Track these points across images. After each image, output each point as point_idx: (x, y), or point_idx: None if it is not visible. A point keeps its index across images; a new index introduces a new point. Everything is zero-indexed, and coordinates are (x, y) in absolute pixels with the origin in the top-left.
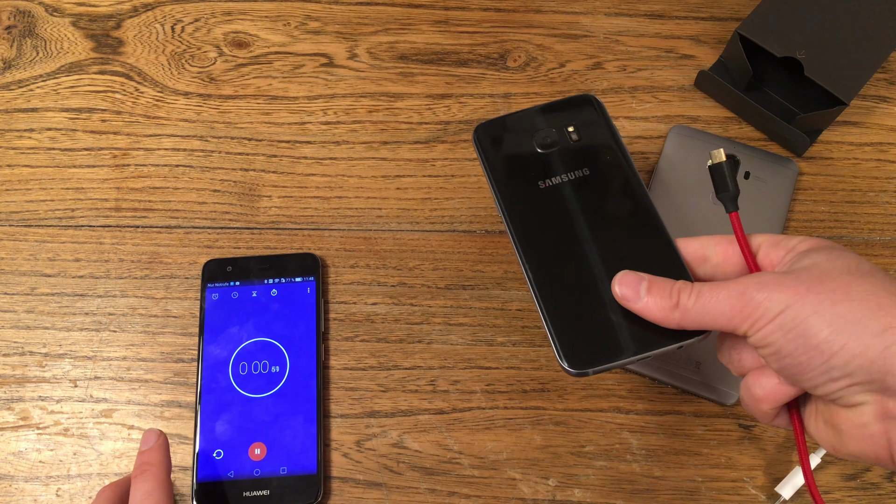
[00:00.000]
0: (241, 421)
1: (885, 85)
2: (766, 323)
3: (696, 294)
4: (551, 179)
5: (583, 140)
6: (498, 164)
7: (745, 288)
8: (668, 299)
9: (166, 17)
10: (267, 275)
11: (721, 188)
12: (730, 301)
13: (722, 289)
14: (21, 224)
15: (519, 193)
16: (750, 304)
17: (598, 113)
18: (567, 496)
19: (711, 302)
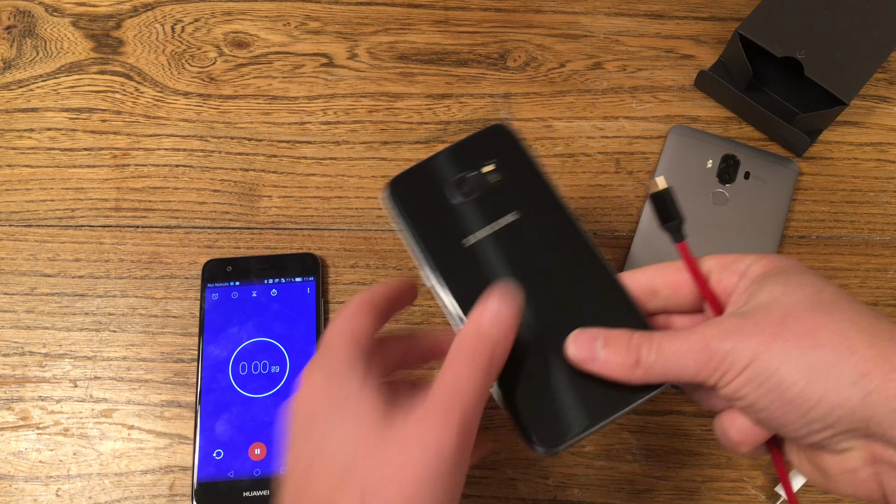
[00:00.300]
0: (241, 421)
1: (885, 85)
2: (734, 376)
3: (656, 349)
4: (475, 234)
5: (503, 179)
6: (415, 224)
7: (707, 340)
8: (626, 356)
9: (166, 17)
10: (267, 275)
11: (666, 217)
12: (693, 355)
13: (683, 341)
14: (21, 224)
15: (443, 255)
16: (715, 358)
17: (513, 143)
18: (567, 496)
19: (674, 357)
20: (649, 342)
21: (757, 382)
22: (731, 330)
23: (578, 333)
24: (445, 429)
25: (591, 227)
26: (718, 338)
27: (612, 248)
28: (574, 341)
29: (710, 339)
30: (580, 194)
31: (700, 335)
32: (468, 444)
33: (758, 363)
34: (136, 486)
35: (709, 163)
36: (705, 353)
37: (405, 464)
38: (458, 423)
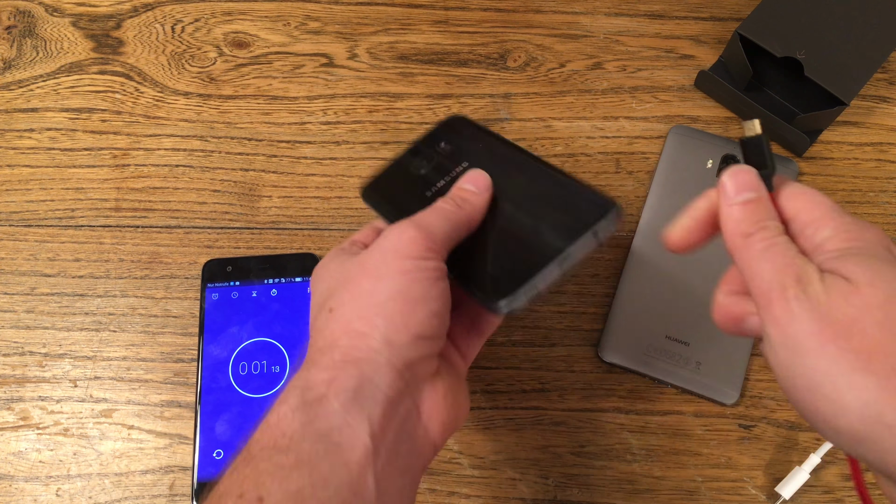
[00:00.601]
0: (241, 421)
1: (885, 85)
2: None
3: (767, 244)
4: (435, 185)
5: (454, 148)
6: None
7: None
8: (750, 224)
9: (166, 17)
10: (267, 275)
11: (759, 165)
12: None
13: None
14: (21, 224)
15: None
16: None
17: (469, 125)
18: (567, 496)
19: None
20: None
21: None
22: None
23: (745, 170)
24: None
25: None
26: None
27: (612, 248)
28: (736, 171)
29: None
30: None
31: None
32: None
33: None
34: (136, 486)
35: (709, 163)
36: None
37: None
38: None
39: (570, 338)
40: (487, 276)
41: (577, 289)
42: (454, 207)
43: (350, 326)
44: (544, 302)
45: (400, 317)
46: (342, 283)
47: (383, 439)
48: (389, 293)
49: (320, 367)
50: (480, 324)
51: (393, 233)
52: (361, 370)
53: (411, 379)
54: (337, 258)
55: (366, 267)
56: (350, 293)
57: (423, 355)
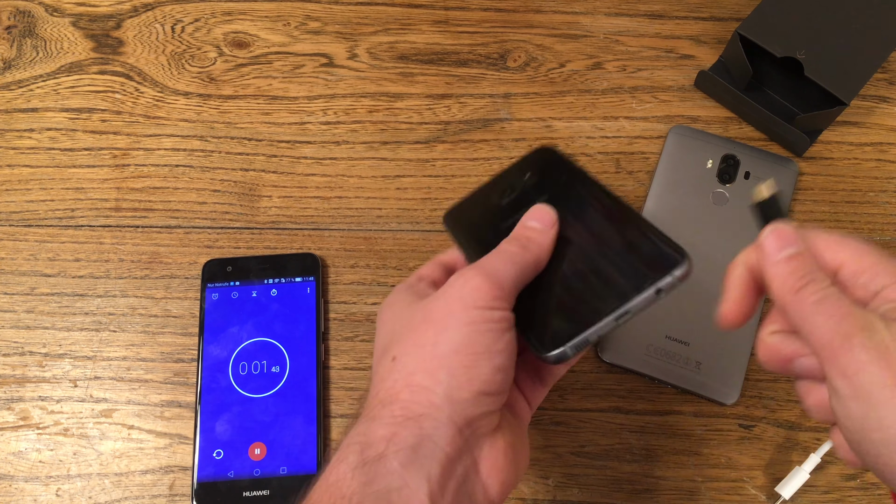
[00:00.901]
0: (241, 421)
1: (885, 85)
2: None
3: (820, 297)
4: (513, 217)
5: (539, 181)
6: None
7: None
8: (798, 279)
9: (166, 17)
10: (267, 275)
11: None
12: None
13: (838, 310)
14: (21, 224)
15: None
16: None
17: (556, 156)
18: (567, 496)
19: (825, 317)
20: (825, 285)
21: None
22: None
23: (782, 227)
24: (470, 281)
25: None
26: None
27: None
28: (776, 228)
29: (858, 334)
30: None
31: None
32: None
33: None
34: (136, 486)
35: (709, 163)
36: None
37: (428, 317)
38: (482, 278)
39: None
40: (542, 326)
41: None
42: (520, 249)
43: (412, 379)
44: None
45: (463, 371)
46: (407, 329)
47: (441, 499)
48: (454, 346)
49: (381, 422)
50: (545, 370)
51: (459, 280)
52: (421, 427)
53: (471, 436)
54: (403, 298)
55: (431, 315)
56: (414, 342)
57: (485, 412)
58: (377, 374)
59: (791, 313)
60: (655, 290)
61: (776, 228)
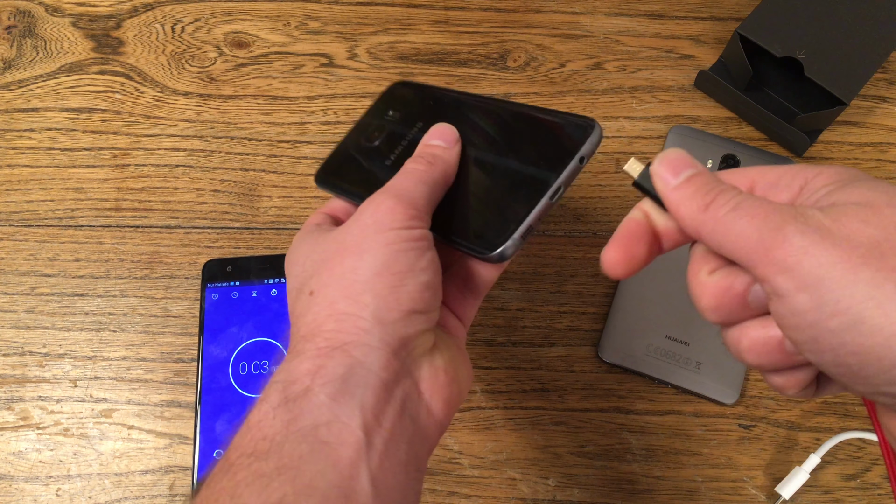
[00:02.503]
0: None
1: (885, 85)
2: (796, 288)
3: (734, 204)
4: (394, 152)
5: (402, 113)
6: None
7: (783, 222)
8: (703, 195)
9: (166, 17)
10: (267, 275)
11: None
12: (759, 233)
13: (759, 209)
14: (21, 224)
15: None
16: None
17: (412, 87)
18: (567, 496)
19: (746, 220)
20: (734, 193)
21: (828, 310)
22: (817, 226)
23: (673, 151)
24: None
25: (591, 226)
26: (794, 229)
27: None
28: (664, 156)
29: (789, 223)
30: (580, 194)
31: (783, 212)
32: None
33: (833, 285)
34: (136, 486)
35: (709, 163)
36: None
37: (343, 244)
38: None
39: (569, 338)
40: (479, 227)
41: (577, 289)
42: (426, 167)
43: (335, 308)
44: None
45: (390, 291)
46: (321, 262)
47: (379, 429)
48: (375, 268)
49: (304, 356)
50: (475, 282)
51: (370, 205)
52: (351, 355)
53: (407, 357)
54: (309, 237)
55: (345, 244)
56: (331, 272)
57: (418, 331)
58: (294, 315)
59: (707, 235)
60: (579, 160)
61: (666, 154)
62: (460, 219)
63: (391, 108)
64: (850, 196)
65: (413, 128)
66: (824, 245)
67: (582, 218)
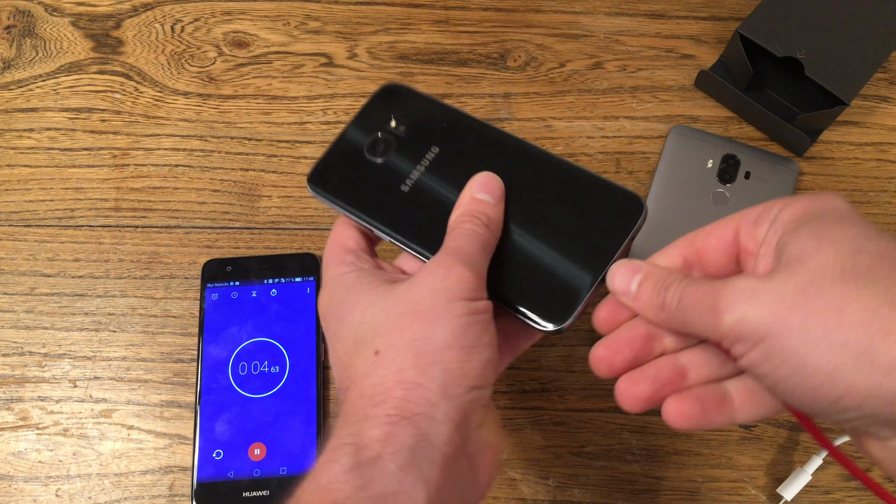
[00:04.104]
0: (241, 421)
1: (885, 85)
2: (748, 349)
3: (679, 294)
4: (409, 178)
5: (410, 127)
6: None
7: (717, 300)
8: (654, 296)
9: (166, 17)
10: (267, 275)
11: None
12: (702, 317)
13: (701, 294)
14: (21, 224)
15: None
16: (724, 323)
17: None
18: (567, 496)
19: (690, 308)
20: (677, 285)
21: (774, 362)
22: (744, 292)
23: (621, 265)
24: (452, 270)
25: None
26: (729, 301)
27: None
28: (615, 272)
29: (721, 299)
30: None
31: (714, 291)
32: (476, 291)
33: (774, 339)
34: (136, 486)
35: (709, 163)
36: (714, 314)
37: (413, 309)
38: (463, 267)
39: (570, 338)
40: (538, 298)
41: None
42: (483, 229)
43: (403, 376)
44: None
45: (457, 366)
46: (387, 321)
47: (438, 502)
48: (446, 340)
49: (374, 421)
50: (514, 343)
51: (440, 268)
52: (419, 426)
53: (466, 431)
54: (362, 282)
55: (415, 307)
56: (401, 336)
57: (477, 406)
58: (356, 370)
59: (672, 327)
60: (631, 237)
61: (615, 268)
62: (516, 284)
63: (393, 117)
64: (793, 241)
65: (427, 151)
66: (754, 307)
67: None
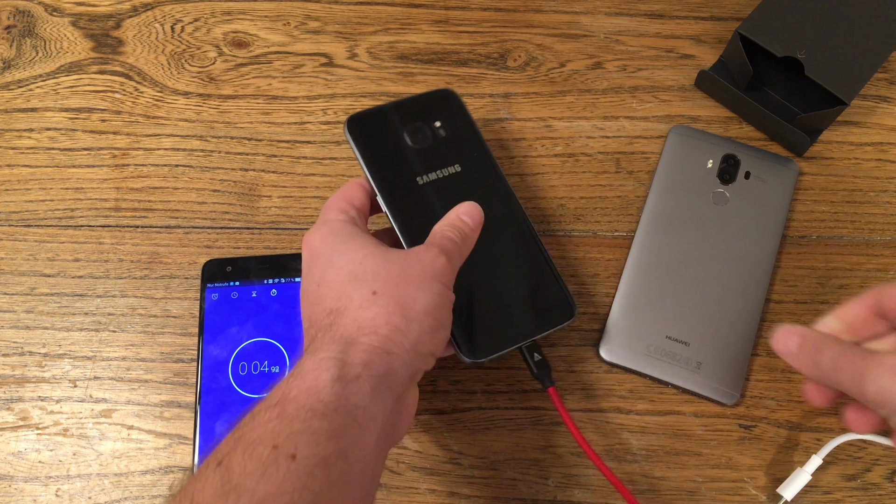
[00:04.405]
0: None
1: (885, 85)
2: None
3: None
4: (427, 175)
5: (449, 136)
6: (375, 157)
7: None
8: (811, 360)
9: (166, 17)
10: (266, 275)
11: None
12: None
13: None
14: (21, 224)
15: (399, 187)
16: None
17: (459, 108)
18: (567, 496)
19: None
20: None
21: None
22: (887, 367)
23: (785, 329)
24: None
25: (591, 226)
26: (875, 373)
27: (612, 248)
28: (779, 335)
29: (869, 370)
30: (580, 194)
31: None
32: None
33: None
34: (136, 486)
35: (709, 163)
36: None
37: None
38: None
39: (570, 338)
40: (468, 333)
41: (577, 289)
42: (460, 241)
43: (392, 319)
44: None
45: (429, 332)
46: (386, 274)
47: (386, 428)
48: (427, 307)
49: (359, 347)
50: None
51: (429, 254)
52: (391, 364)
53: (410, 383)
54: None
55: (409, 273)
56: (395, 289)
57: (424, 369)
58: (351, 298)
59: (824, 382)
60: (552, 331)
61: (780, 331)
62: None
63: (441, 119)
64: None
65: (451, 165)
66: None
67: (582, 218)
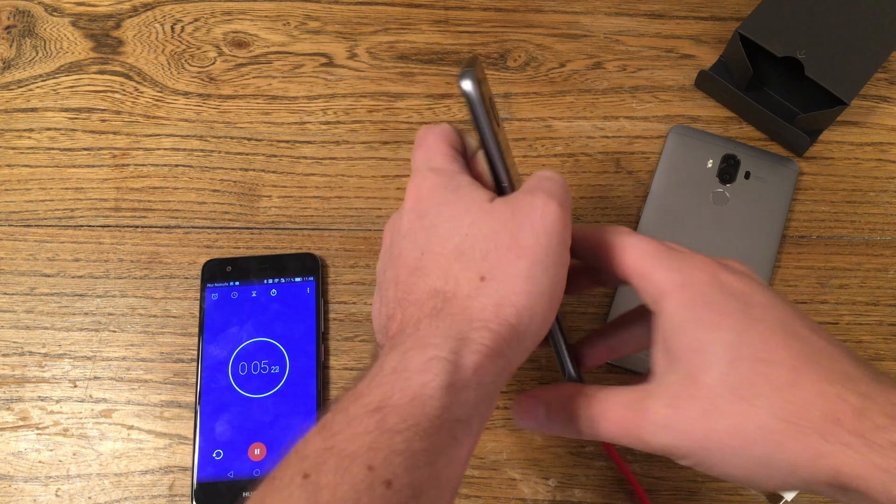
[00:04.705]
0: (241, 421)
1: (885, 85)
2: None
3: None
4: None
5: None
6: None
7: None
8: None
9: (166, 17)
10: (266, 275)
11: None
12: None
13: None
14: (20, 224)
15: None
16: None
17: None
18: (567, 496)
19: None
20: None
21: (705, 467)
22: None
23: (519, 402)
24: (549, 205)
25: None
26: (651, 431)
27: None
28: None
29: (644, 431)
30: (580, 194)
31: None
32: (568, 232)
33: (696, 460)
34: (136, 486)
35: (709, 163)
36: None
37: (518, 241)
38: (561, 209)
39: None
40: None
41: None
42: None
43: (501, 311)
44: None
45: (541, 318)
46: (497, 250)
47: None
48: (544, 288)
49: (471, 347)
50: None
51: (537, 201)
52: (500, 367)
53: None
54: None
55: (519, 239)
56: (506, 268)
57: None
58: (459, 281)
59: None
60: None
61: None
62: None
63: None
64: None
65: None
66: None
67: (582, 218)
